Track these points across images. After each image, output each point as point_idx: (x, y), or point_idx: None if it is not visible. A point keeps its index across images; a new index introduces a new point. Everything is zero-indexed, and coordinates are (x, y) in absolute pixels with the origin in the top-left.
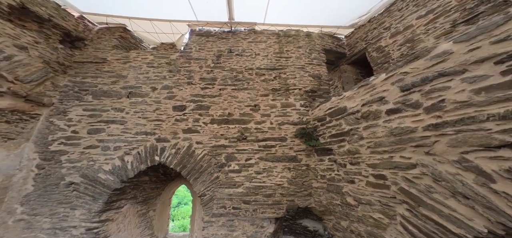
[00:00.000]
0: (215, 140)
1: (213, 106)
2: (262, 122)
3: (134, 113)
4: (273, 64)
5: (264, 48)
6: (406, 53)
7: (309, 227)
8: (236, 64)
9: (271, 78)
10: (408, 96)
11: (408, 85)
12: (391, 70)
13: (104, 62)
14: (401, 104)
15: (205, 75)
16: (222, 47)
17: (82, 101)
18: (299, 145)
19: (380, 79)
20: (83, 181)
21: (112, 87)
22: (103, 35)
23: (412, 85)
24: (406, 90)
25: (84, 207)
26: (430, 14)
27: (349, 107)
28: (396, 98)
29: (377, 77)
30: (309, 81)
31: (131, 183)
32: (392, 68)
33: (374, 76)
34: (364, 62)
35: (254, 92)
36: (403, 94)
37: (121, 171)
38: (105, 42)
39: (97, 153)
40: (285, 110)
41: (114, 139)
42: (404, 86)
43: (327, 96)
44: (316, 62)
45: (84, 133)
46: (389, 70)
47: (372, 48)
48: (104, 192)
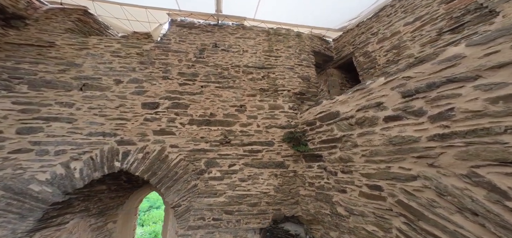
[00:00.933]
0: (194, 143)
1: (193, 105)
2: (248, 124)
3: (88, 109)
4: (262, 63)
5: (252, 45)
6: (392, 59)
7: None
8: (222, 60)
9: (259, 78)
10: (411, 103)
11: (411, 91)
12: (392, 74)
13: (51, 46)
14: (402, 112)
15: (185, 70)
16: (207, 41)
17: (12, 92)
18: (287, 150)
19: (378, 83)
20: (4, 195)
21: (60, 77)
22: (54, 16)
23: (415, 91)
24: (408, 96)
25: (5, 227)
26: (417, 22)
27: (342, 113)
28: (396, 104)
29: (375, 81)
30: (298, 83)
31: (81, 194)
32: (393, 71)
33: (371, 80)
34: (350, 67)
35: (241, 92)
36: (405, 100)
37: (65, 181)
38: (56, 24)
39: (28, 159)
40: (273, 112)
41: (57, 140)
42: (406, 92)
43: (315, 100)
44: (306, 64)
45: (11, 132)
46: (389, 74)
47: (359, 53)
48: (37, 208)
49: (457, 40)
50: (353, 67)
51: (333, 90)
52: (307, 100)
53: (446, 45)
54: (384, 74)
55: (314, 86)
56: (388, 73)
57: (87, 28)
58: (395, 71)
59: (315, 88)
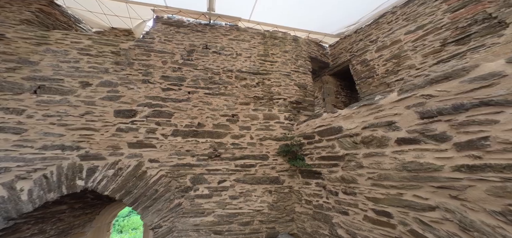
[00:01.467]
0: (178, 157)
1: (178, 113)
2: (240, 136)
3: (43, 117)
4: (257, 68)
5: (247, 49)
6: (391, 69)
7: None
8: (213, 64)
9: (254, 84)
10: (431, 125)
11: (432, 112)
12: (407, 90)
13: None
14: (419, 135)
15: (169, 73)
16: (196, 41)
17: None
18: (282, 164)
19: (389, 99)
20: None
21: (7, 77)
22: (7, 4)
23: (437, 112)
24: (427, 118)
25: None
26: (419, 30)
27: (345, 129)
28: (411, 125)
29: (385, 96)
30: (294, 91)
31: (32, 218)
32: (408, 87)
33: (381, 95)
34: (346, 74)
35: (233, 100)
36: (423, 122)
37: (7, 205)
38: (10, 13)
39: None
40: (268, 123)
41: None
42: (425, 113)
43: (312, 109)
44: (302, 70)
45: None
46: (403, 90)
47: (356, 61)
48: None
49: (463, 52)
50: (349, 75)
51: (328, 98)
52: (303, 109)
53: (451, 56)
54: (399, 91)
55: (310, 95)
56: (403, 90)
57: (51, 21)
58: (411, 87)
59: (312, 97)
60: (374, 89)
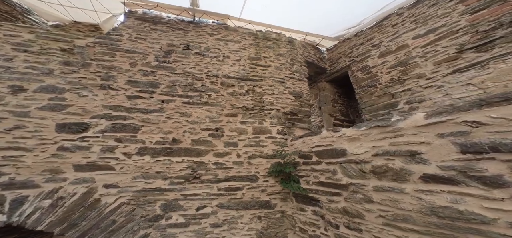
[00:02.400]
0: (145, 180)
1: (147, 127)
2: (225, 153)
3: None
4: (247, 73)
5: (236, 51)
6: (397, 78)
7: None
8: (195, 67)
9: (242, 92)
10: (478, 164)
11: (481, 146)
12: (441, 113)
13: None
14: (458, 174)
15: (138, 77)
16: (176, 40)
17: None
18: (274, 186)
19: (412, 122)
20: None
21: None
22: None
23: (490, 148)
24: (474, 153)
25: None
26: (431, 34)
27: (350, 153)
28: (446, 160)
29: (406, 118)
30: (289, 100)
31: None
32: (444, 109)
33: (400, 116)
34: (344, 81)
35: (218, 110)
36: (466, 158)
37: None
38: None
39: None
40: (258, 138)
41: None
42: (470, 146)
43: (308, 121)
44: (298, 77)
45: None
46: (435, 112)
47: (356, 67)
48: None
49: (484, 61)
50: (348, 82)
51: (324, 107)
52: (299, 121)
53: (469, 65)
54: (428, 114)
55: (307, 105)
56: (434, 112)
57: None
58: (448, 109)
59: (308, 106)
60: (377, 100)
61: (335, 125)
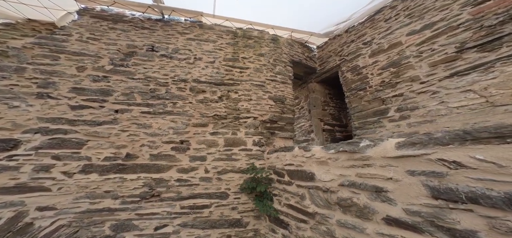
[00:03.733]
0: (91, 201)
1: (94, 141)
2: (191, 169)
3: None
4: (221, 77)
5: (210, 51)
6: (388, 81)
7: None
8: (159, 71)
9: (215, 99)
10: (448, 213)
11: (455, 192)
12: (415, 144)
13: None
14: (424, 221)
15: (87, 83)
16: (139, 41)
17: None
18: (246, 203)
19: (381, 151)
20: None
21: None
22: None
23: (467, 198)
24: (446, 200)
25: None
26: (427, 30)
27: (318, 178)
28: (414, 203)
29: (376, 144)
30: (268, 107)
31: None
32: (419, 139)
33: (370, 141)
34: (336, 81)
35: (184, 120)
36: (437, 205)
37: None
38: None
39: None
40: (230, 151)
41: None
42: (442, 190)
43: (291, 130)
44: (281, 79)
45: None
46: (407, 143)
47: (346, 67)
48: None
49: (489, 62)
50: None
51: (314, 110)
52: (280, 130)
53: (471, 68)
54: (399, 144)
55: (289, 111)
56: (406, 143)
57: None
58: (423, 139)
59: (292, 112)
60: (366, 105)
61: (325, 130)
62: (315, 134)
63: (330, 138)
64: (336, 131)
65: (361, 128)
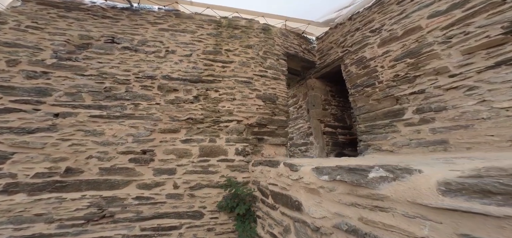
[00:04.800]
0: (15, 226)
1: (22, 154)
2: (156, 184)
3: None
4: (199, 73)
5: (187, 43)
6: (404, 75)
7: None
8: (119, 66)
9: (190, 99)
10: None
11: None
12: (488, 191)
13: None
14: None
15: (18, 81)
16: (96, 31)
17: None
18: (226, 223)
19: (406, 189)
20: None
21: None
22: None
23: None
24: None
25: None
26: (456, 10)
27: (306, 210)
28: None
29: (400, 177)
30: (256, 108)
31: None
32: (486, 171)
33: (387, 173)
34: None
35: (148, 125)
36: None
37: None
38: None
39: None
40: (206, 162)
41: None
42: None
43: (283, 134)
44: (272, 74)
45: None
46: (471, 181)
47: (350, 60)
48: None
49: None
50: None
51: (313, 110)
52: (270, 135)
53: None
54: (449, 182)
55: (282, 112)
56: (470, 185)
57: None
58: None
59: (285, 114)
60: (375, 105)
61: (326, 133)
62: (314, 137)
63: (331, 141)
64: (338, 134)
65: (368, 132)
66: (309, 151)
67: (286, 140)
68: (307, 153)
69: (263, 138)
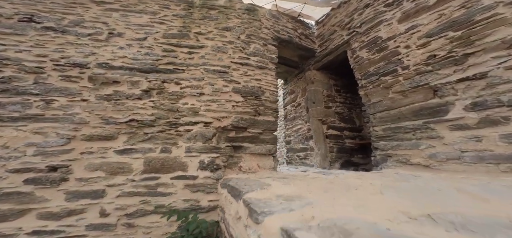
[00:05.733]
0: None
1: None
2: (69, 213)
3: None
4: (153, 60)
5: (142, 26)
6: (445, 55)
7: None
8: (30, 51)
9: (136, 94)
10: None
11: None
12: None
13: None
14: None
15: None
16: (10, 8)
17: None
18: None
19: None
20: None
21: None
22: None
23: None
24: None
25: None
26: None
27: None
28: None
29: None
30: (232, 106)
31: None
32: None
33: None
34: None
35: (65, 130)
36: None
37: None
38: None
39: None
40: (155, 179)
41: None
42: None
43: (270, 139)
44: (257, 63)
45: None
46: None
47: (359, 43)
48: None
49: None
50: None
51: (313, 108)
52: (251, 142)
53: None
54: None
55: (270, 110)
56: None
57: None
58: None
59: (273, 113)
60: (398, 100)
61: (329, 137)
62: (314, 141)
63: (336, 147)
64: (345, 137)
65: (388, 138)
66: (309, 157)
67: (275, 147)
68: (306, 160)
69: (241, 145)
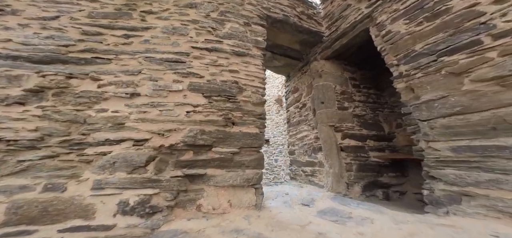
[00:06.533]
0: None
1: None
2: None
3: None
4: (58, 46)
5: (58, 3)
6: None
7: None
8: None
9: (13, 97)
10: None
11: None
12: None
13: None
14: None
15: None
16: None
17: None
18: None
19: None
20: None
21: None
22: None
23: None
24: None
25: None
26: None
27: None
28: None
29: None
30: (186, 112)
31: None
32: None
33: None
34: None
35: None
36: None
37: None
38: None
39: None
40: (26, 234)
41: None
42: None
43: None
44: (233, 48)
45: None
46: None
47: (390, 13)
48: None
49: None
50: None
51: (322, 109)
52: (219, 166)
53: None
54: None
55: (253, 117)
56: None
57: None
58: None
59: (256, 121)
60: (489, 96)
61: (345, 149)
62: (324, 155)
63: (356, 164)
64: (369, 149)
65: (462, 164)
66: (317, 174)
67: (258, 174)
68: (314, 178)
69: (202, 173)
